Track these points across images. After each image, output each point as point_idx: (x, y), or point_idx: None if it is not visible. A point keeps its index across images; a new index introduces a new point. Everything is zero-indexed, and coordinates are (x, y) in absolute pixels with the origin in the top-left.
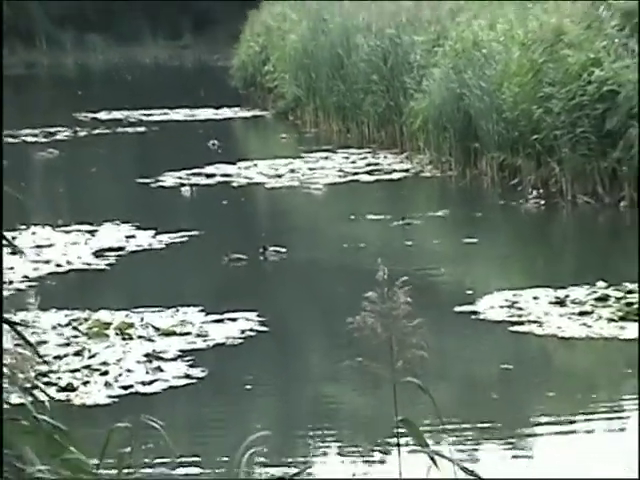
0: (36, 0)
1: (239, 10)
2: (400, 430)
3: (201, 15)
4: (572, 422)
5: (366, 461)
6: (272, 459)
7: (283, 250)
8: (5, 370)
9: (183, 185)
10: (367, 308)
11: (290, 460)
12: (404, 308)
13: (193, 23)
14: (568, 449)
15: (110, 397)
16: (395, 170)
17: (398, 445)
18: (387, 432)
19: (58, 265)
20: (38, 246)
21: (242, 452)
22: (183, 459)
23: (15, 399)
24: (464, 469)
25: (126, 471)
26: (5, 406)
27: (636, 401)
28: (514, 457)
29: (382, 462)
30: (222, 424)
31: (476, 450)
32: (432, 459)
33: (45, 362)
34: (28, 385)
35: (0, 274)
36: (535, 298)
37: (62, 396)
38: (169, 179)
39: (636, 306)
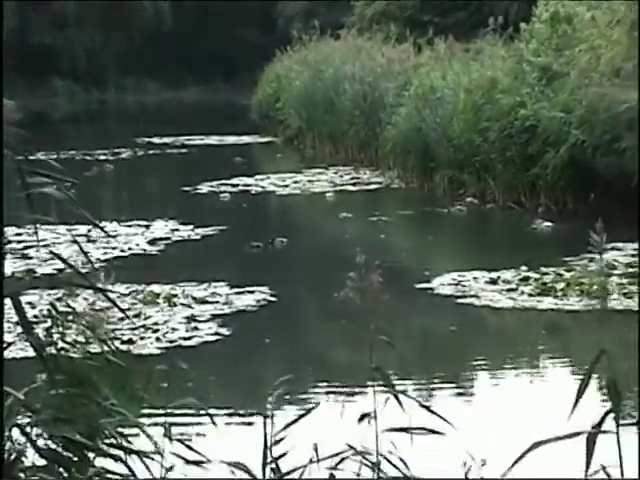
0: (108, 54)
1: (257, 63)
2: (375, 376)
3: (229, 67)
4: (502, 368)
5: (348, 399)
6: (279, 397)
7: (285, 240)
8: (84, 326)
9: (223, 192)
10: (349, 285)
11: (292, 398)
12: (376, 285)
13: (223, 72)
14: (500, 389)
15: (159, 348)
16: (372, 182)
17: (373, 387)
18: (364, 377)
19: (122, 250)
20: (107, 236)
21: (273, 390)
22: (212, 394)
23: (91, 349)
24: (421, 405)
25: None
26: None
27: (548, 352)
28: (459, 395)
29: (360, 397)
30: (243, 368)
31: (431, 390)
32: (397, 397)
33: (126, 315)
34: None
35: (1, 273)
36: (475, 278)
37: (124, 347)
38: (204, 187)
39: (550, 284)
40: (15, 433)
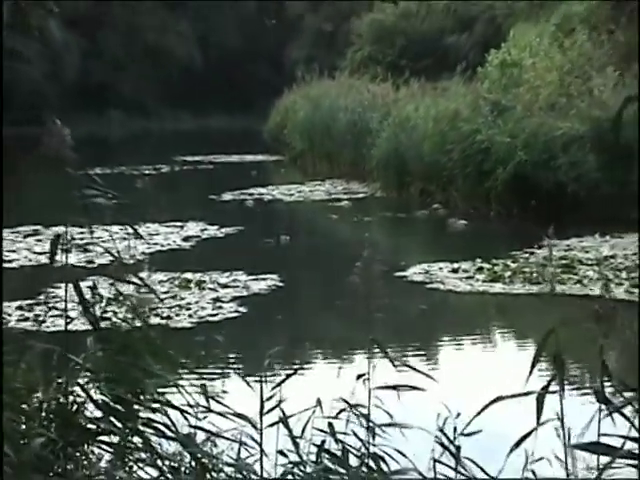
0: (150, 90)
1: (269, 97)
2: (371, 344)
3: (247, 100)
4: (462, 340)
5: (350, 363)
6: (287, 362)
7: (289, 238)
8: (130, 306)
9: (247, 200)
10: (355, 272)
11: (299, 362)
12: (377, 274)
13: (242, 105)
14: (460, 355)
15: (191, 323)
16: (359, 192)
17: (369, 355)
18: (357, 346)
19: (162, 246)
20: (150, 234)
21: (266, 359)
22: (234, 359)
23: (138, 324)
24: (408, 366)
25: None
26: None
27: (498, 326)
28: (428, 360)
29: (355, 362)
30: (258, 338)
31: (406, 357)
32: (391, 361)
33: (159, 298)
34: (145, 316)
35: (0, 267)
36: (440, 268)
37: (163, 322)
38: (228, 196)
39: (500, 273)
40: (77, 390)
